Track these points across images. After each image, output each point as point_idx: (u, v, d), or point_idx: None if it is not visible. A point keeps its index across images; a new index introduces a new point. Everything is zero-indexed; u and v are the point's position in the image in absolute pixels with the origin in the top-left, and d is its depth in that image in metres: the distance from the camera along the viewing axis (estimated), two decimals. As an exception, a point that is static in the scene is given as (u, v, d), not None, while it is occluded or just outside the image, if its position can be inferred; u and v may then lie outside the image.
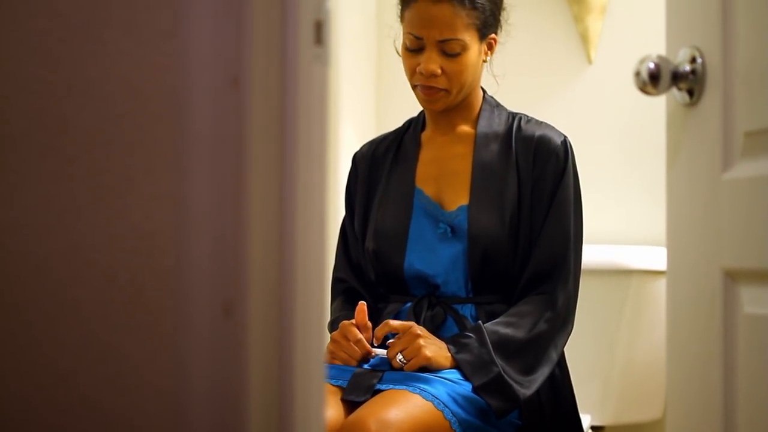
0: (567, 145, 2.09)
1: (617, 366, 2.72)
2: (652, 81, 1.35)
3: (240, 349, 0.96)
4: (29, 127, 1.00)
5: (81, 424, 0.98)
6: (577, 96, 3.05)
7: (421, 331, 1.95)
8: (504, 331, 1.97)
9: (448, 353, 1.95)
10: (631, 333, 2.73)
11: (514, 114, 2.15)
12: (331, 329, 2.09)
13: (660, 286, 2.71)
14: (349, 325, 2.00)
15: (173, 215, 0.97)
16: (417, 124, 2.21)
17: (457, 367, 1.94)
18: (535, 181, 2.06)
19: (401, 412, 1.81)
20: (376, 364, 2.00)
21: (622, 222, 2.97)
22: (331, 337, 2.04)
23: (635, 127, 2.97)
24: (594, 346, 2.71)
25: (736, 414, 1.29)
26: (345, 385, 1.95)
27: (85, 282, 0.99)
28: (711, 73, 1.34)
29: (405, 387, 1.87)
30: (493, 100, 2.18)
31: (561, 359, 2.07)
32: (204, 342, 0.96)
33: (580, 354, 2.48)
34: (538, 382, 1.97)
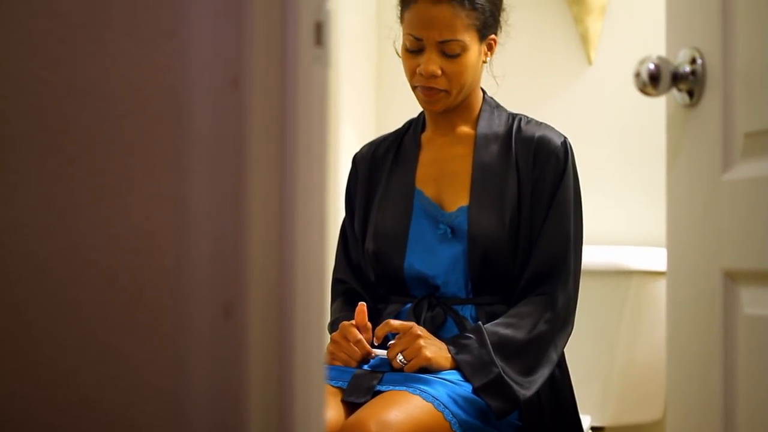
0: (567, 145, 2.09)
1: (617, 367, 2.72)
2: (652, 82, 1.35)
3: (240, 349, 0.96)
4: (29, 128, 1.00)
5: (81, 424, 0.98)
6: (577, 97, 3.05)
7: (421, 332, 1.95)
8: (504, 332, 1.97)
9: (449, 354, 1.95)
10: (631, 334, 2.73)
11: (514, 115, 2.15)
12: (331, 330, 2.08)
13: (660, 286, 2.71)
14: (349, 325, 2.00)
15: (173, 215, 0.97)
16: (417, 125, 2.21)
17: (457, 368, 1.94)
18: (535, 182, 2.06)
19: (401, 413, 1.81)
20: (376, 364, 2.00)
21: (622, 223, 2.97)
22: (331, 338, 2.04)
23: (635, 128, 2.96)
24: (594, 346, 2.71)
25: (736, 415, 1.29)
26: (345, 386, 1.95)
27: (85, 282, 0.99)
28: (711, 74, 1.34)
29: (405, 388, 1.87)
30: (492, 101, 2.18)
31: (561, 360, 2.07)
32: (204, 342, 0.96)
33: (580, 355, 2.48)
34: (538, 382, 1.97)
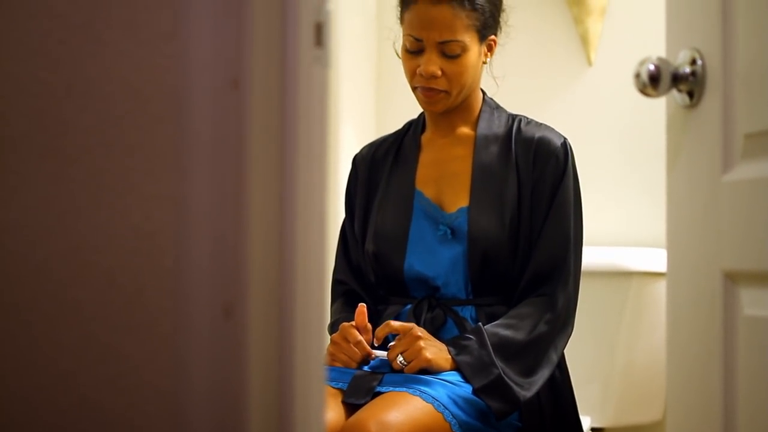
0: (567, 146, 2.09)
1: (617, 368, 2.72)
2: (652, 83, 1.35)
3: (240, 349, 0.96)
4: (29, 129, 1.00)
5: (81, 424, 0.98)
6: (577, 98, 3.05)
7: (421, 333, 1.95)
8: (504, 333, 1.97)
9: (449, 355, 1.95)
10: (631, 335, 2.73)
11: (513, 116, 2.15)
12: (331, 331, 2.08)
13: (660, 287, 2.71)
14: (349, 327, 2.00)
15: (173, 216, 0.97)
16: (417, 126, 2.21)
17: (457, 369, 1.94)
18: (534, 183, 2.06)
19: (401, 414, 1.81)
20: (376, 365, 2.00)
21: (622, 224, 2.97)
22: (331, 339, 2.04)
23: (635, 129, 2.96)
24: (594, 347, 2.71)
25: (736, 416, 1.29)
26: (345, 387, 1.94)
27: (85, 283, 0.99)
28: (711, 75, 1.34)
29: (405, 389, 1.87)
30: (492, 101, 2.18)
31: (561, 361, 2.07)
32: (204, 343, 0.96)
33: (580, 356, 2.48)
34: (538, 384, 1.97)
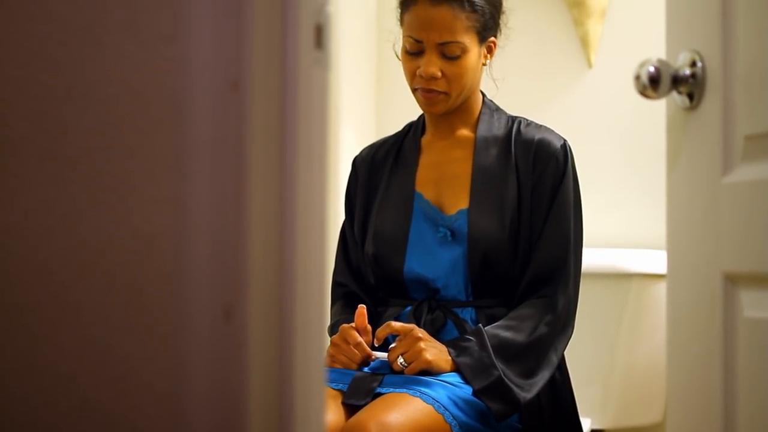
0: (566, 148, 2.09)
1: (617, 369, 2.72)
2: (652, 85, 1.35)
3: (240, 351, 0.96)
4: (29, 131, 1.00)
5: (82, 425, 0.98)
6: (577, 100, 3.05)
7: (422, 334, 1.95)
8: (504, 334, 1.97)
9: (449, 357, 1.95)
10: (632, 336, 2.73)
11: (513, 117, 2.15)
12: (331, 333, 2.08)
13: (660, 289, 2.71)
14: (349, 328, 2.00)
15: (174, 218, 0.97)
16: (417, 128, 2.21)
17: (457, 370, 1.94)
18: (534, 185, 2.06)
19: (402, 415, 1.81)
20: (376, 367, 2.00)
21: (622, 225, 2.97)
22: (331, 341, 2.04)
23: (635, 131, 2.97)
24: (594, 349, 2.71)
25: (737, 417, 1.29)
26: (345, 388, 1.94)
27: (85, 284, 0.99)
28: (711, 77, 1.34)
29: (405, 390, 1.87)
30: (492, 103, 2.18)
31: (561, 362, 2.07)
32: (204, 344, 0.96)
33: (580, 357, 2.48)
34: (538, 385, 1.97)
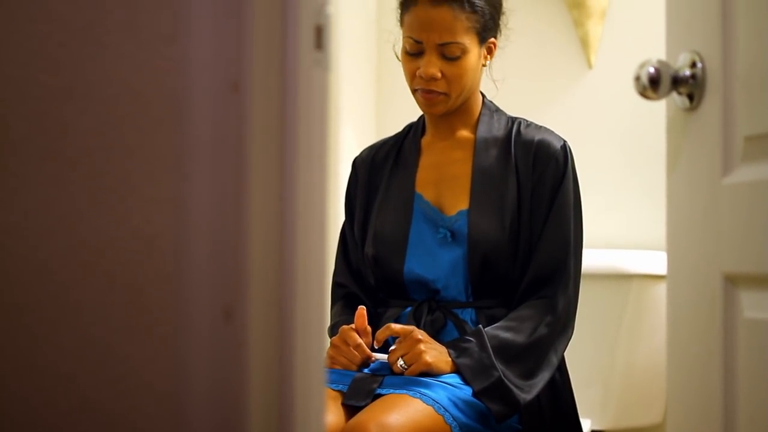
0: (566, 149, 2.09)
1: (617, 370, 2.72)
2: (652, 85, 1.35)
3: (240, 351, 0.96)
4: (30, 131, 1.00)
5: (82, 425, 0.98)
6: (577, 100, 3.05)
7: (422, 336, 1.95)
8: (504, 335, 1.97)
9: (449, 358, 1.95)
10: (632, 337, 2.73)
11: (513, 118, 2.15)
12: (331, 334, 2.08)
13: (660, 290, 2.71)
14: (349, 329, 2.00)
15: (174, 219, 0.97)
16: (417, 129, 2.21)
17: (457, 371, 1.94)
18: (534, 186, 2.06)
19: (402, 416, 1.81)
20: (376, 368, 2.00)
21: (622, 226, 2.97)
22: (331, 342, 2.04)
23: (635, 132, 2.97)
24: (594, 350, 2.71)
25: (737, 418, 1.29)
26: (345, 389, 1.94)
27: (86, 285, 0.99)
28: (711, 78, 1.34)
29: (405, 391, 1.87)
30: (492, 104, 2.18)
31: (561, 364, 2.07)
32: (204, 345, 0.96)
33: (580, 358, 2.48)
34: (538, 386, 1.97)
